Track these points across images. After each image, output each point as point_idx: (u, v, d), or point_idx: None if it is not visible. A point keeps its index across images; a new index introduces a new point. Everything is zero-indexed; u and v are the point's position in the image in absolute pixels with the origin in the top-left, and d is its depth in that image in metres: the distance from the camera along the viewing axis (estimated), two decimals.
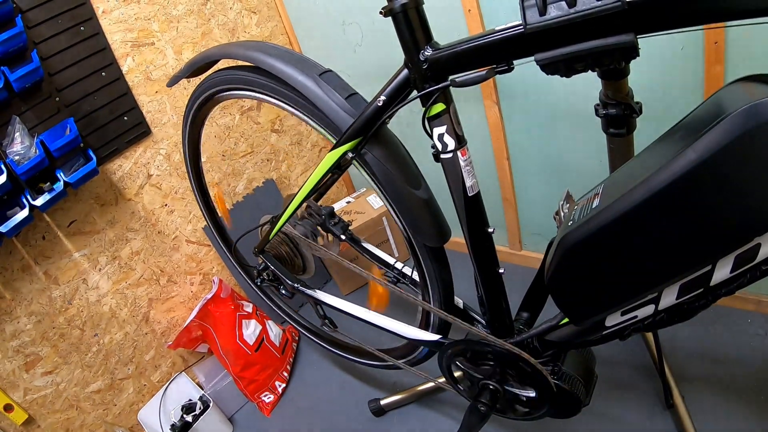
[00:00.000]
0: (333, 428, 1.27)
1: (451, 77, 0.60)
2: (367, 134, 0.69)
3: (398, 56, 0.62)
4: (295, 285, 0.97)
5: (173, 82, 1.01)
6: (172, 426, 1.28)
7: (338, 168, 0.75)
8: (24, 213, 1.03)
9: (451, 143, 0.64)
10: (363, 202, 1.78)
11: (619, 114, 0.79)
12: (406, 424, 1.20)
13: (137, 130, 1.30)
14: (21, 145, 1.06)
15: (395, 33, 0.61)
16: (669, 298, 0.58)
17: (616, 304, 0.60)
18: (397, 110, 0.66)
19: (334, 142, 0.74)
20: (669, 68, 0.97)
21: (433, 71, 0.60)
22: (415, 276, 0.93)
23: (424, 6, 0.60)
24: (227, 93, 0.91)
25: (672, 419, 0.96)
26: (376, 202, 1.77)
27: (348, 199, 1.85)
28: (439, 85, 0.60)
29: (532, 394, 0.75)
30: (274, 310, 1.39)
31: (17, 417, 1.07)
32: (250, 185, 1.61)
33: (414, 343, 0.93)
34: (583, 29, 0.47)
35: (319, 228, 1.02)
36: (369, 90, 1.39)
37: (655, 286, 0.56)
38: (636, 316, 0.62)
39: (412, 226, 0.76)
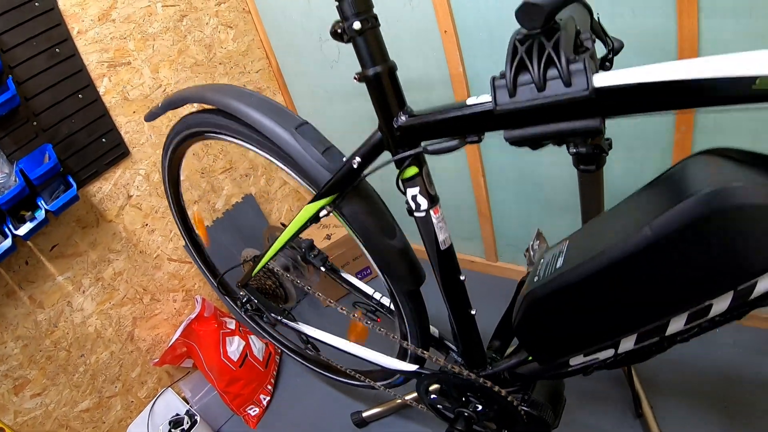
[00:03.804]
0: None
1: (423, 144, 0.62)
2: (343, 191, 0.72)
3: None
4: (279, 318, 1.00)
5: (151, 117, 1.02)
6: None
7: (316, 218, 0.78)
8: (7, 243, 1.03)
9: (424, 203, 0.67)
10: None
11: (588, 152, 0.83)
12: None
13: (116, 152, 1.30)
14: (0, 174, 1.06)
15: None
16: (627, 344, 0.63)
17: (576, 351, 0.65)
18: (372, 172, 0.68)
19: (311, 191, 0.77)
20: None
21: (406, 137, 0.63)
22: (393, 307, 0.97)
23: (402, 35, 0.61)
24: (207, 134, 0.92)
25: (642, 428, 1.02)
26: None
27: (324, 211, 1.86)
28: (412, 152, 0.63)
29: (505, 420, 0.81)
30: (257, 330, 1.41)
31: None
32: (230, 201, 1.62)
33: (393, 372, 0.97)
34: (551, 113, 0.50)
35: (299, 259, 1.04)
36: (346, 108, 1.43)
37: (612, 338, 0.61)
38: (597, 358, 0.67)
39: (388, 272, 0.79)
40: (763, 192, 0.43)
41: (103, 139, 1.27)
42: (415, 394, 1.11)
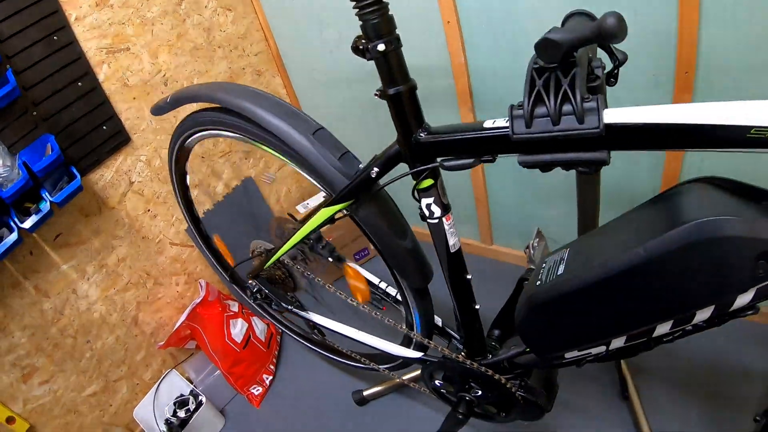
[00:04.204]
0: (320, 416, 1.40)
1: (440, 159, 0.66)
2: (359, 197, 0.76)
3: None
4: (289, 307, 1.05)
5: (158, 111, 1.02)
6: (166, 421, 1.38)
7: (332, 220, 0.82)
8: (13, 236, 1.04)
9: (437, 211, 0.72)
10: None
11: None
12: (387, 412, 1.34)
13: (117, 139, 1.30)
14: (3, 167, 1.06)
15: None
16: (618, 342, 0.70)
17: (571, 347, 0.72)
18: (389, 183, 0.72)
19: (325, 193, 0.81)
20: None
21: (423, 152, 0.67)
22: (400, 299, 1.02)
23: (405, 23, 0.63)
24: (216, 132, 0.94)
25: (627, 409, 1.12)
26: None
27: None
28: (430, 166, 0.67)
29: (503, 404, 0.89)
30: (265, 315, 1.47)
31: (19, 427, 1.13)
32: (230, 184, 1.64)
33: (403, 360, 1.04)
34: (563, 145, 0.55)
35: (307, 250, 1.09)
36: (345, 93, 1.46)
37: (605, 339, 0.68)
38: (590, 353, 0.74)
39: (399, 270, 0.85)
40: (744, 225, 0.49)
41: (104, 127, 1.26)
42: (413, 375, 1.19)
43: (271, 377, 1.55)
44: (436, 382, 0.95)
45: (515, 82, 1.21)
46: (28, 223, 1.07)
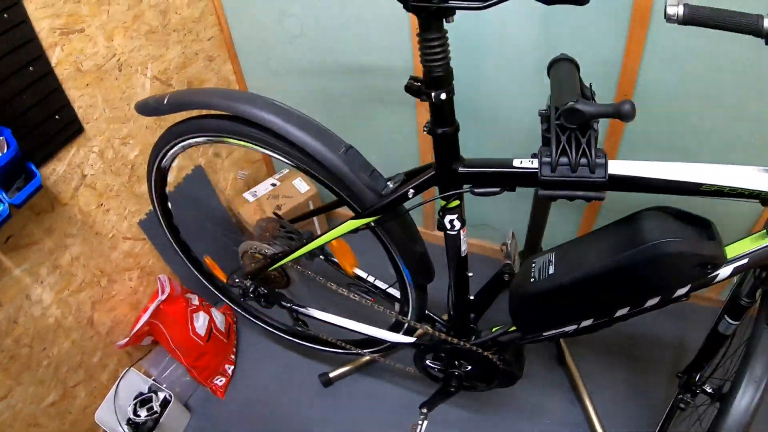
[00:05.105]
0: (287, 400, 1.49)
1: (468, 186, 0.81)
2: (389, 213, 0.87)
3: (339, 58, 0.73)
4: (289, 305, 1.12)
5: (150, 112, 1.00)
6: (129, 421, 1.35)
7: (355, 231, 0.92)
8: None
9: (458, 225, 0.87)
10: (290, 186, 1.87)
11: None
12: (353, 391, 1.48)
13: (70, 129, 1.19)
14: None
15: (337, 30, 0.74)
16: (587, 323, 0.93)
17: (553, 328, 0.95)
18: (419, 205, 0.85)
19: (351, 208, 0.90)
20: None
21: (457, 180, 0.81)
22: (392, 292, 1.16)
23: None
24: (219, 139, 0.95)
25: (564, 374, 1.41)
26: (302, 186, 1.87)
27: (272, 181, 1.90)
28: (462, 190, 0.82)
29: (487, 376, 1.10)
30: (241, 311, 1.50)
31: None
32: (180, 174, 1.58)
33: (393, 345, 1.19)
34: (576, 186, 0.73)
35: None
36: (302, 84, 1.58)
37: (579, 321, 0.91)
38: (564, 331, 0.97)
39: (411, 269, 0.99)
40: (686, 244, 0.72)
41: (57, 116, 1.15)
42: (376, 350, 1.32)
43: (232, 367, 1.58)
44: (428, 362, 1.12)
45: (472, 90, 1.35)
46: None
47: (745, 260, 0.71)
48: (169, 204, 1.26)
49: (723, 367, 0.98)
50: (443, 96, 0.72)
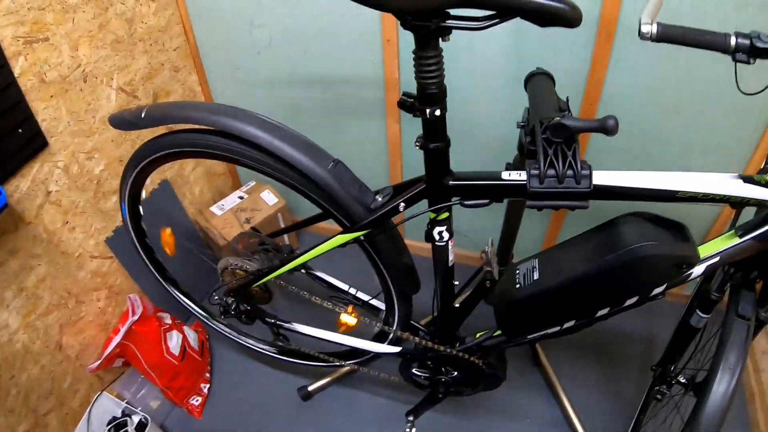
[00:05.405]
0: (267, 415, 1.46)
1: (457, 198, 0.83)
2: (379, 227, 0.88)
3: (308, 68, 0.73)
4: (273, 321, 1.11)
5: (126, 126, 0.97)
6: None
7: (344, 245, 0.92)
8: None
9: (446, 236, 0.89)
10: (257, 199, 1.83)
11: None
12: (333, 404, 1.46)
13: (34, 143, 1.12)
14: None
15: (307, 40, 0.77)
16: (569, 324, 0.97)
17: (537, 330, 0.98)
18: (410, 219, 0.86)
19: (339, 222, 0.91)
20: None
21: (447, 193, 0.83)
22: (374, 303, 1.17)
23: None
24: (198, 153, 0.93)
25: (539, 374, 1.46)
26: (270, 198, 1.84)
27: (239, 194, 1.85)
28: (452, 203, 0.84)
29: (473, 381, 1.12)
30: (215, 328, 1.45)
31: None
32: (147, 189, 1.52)
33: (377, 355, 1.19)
34: (563, 197, 0.77)
35: (279, 262, 1.14)
36: (269, 96, 1.63)
37: (562, 323, 0.95)
38: (547, 332, 1.01)
39: (398, 281, 1.00)
40: (662, 246, 0.78)
41: (20, 130, 1.08)
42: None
43: (208, 385, 1.54)
44: (414, 370, 1.13)
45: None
46: None
47: (717, 258, 0.77)
48: (143, 222, 1.21)
49: (694, 359, 1.05)
50: (437, 112, 0.74)
